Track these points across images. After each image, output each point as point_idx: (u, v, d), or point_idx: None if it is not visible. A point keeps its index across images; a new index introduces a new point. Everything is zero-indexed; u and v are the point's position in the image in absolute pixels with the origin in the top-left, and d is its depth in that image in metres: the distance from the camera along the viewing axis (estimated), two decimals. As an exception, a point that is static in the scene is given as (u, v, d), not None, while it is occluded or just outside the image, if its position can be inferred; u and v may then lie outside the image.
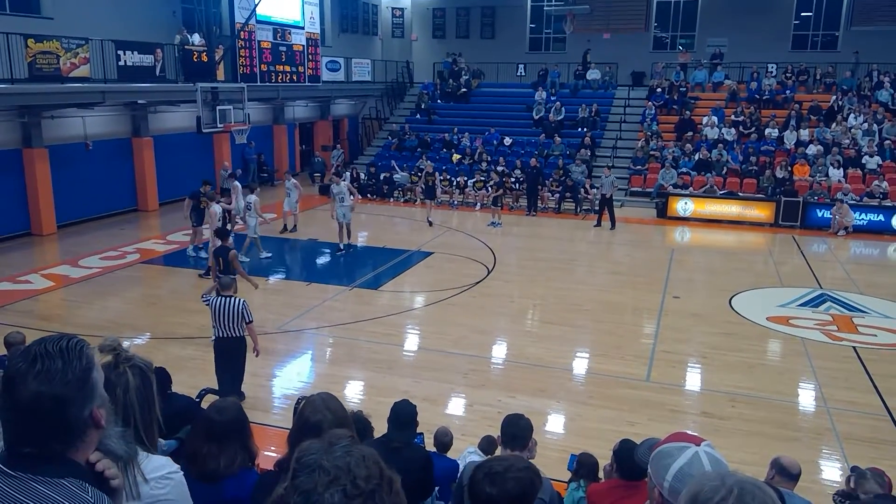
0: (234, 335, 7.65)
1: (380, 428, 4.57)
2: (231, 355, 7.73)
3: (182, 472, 2.07)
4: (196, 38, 19.14)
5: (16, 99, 14.95)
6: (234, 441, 2.85)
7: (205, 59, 18.97)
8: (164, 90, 18.28)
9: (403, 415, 4.24)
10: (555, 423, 7.84)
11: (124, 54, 16.80)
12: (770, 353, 10.19)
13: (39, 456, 1.51)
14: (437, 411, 7.70)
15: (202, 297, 8.34)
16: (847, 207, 17.67)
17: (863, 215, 18.02)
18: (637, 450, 3.32)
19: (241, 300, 7.67)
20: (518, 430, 3.93)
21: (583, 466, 4.74)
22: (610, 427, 7.33)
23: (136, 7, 18.45)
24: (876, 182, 18.71)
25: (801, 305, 11.98)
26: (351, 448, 1.41)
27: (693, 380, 9.09)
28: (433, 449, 5.17)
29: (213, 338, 7.87)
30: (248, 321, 7.63)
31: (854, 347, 10.03)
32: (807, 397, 8.61)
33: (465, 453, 5.13)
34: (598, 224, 18.14)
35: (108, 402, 1.66)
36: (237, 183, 15.61)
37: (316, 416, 2.55)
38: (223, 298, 7.62)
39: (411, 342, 10.44)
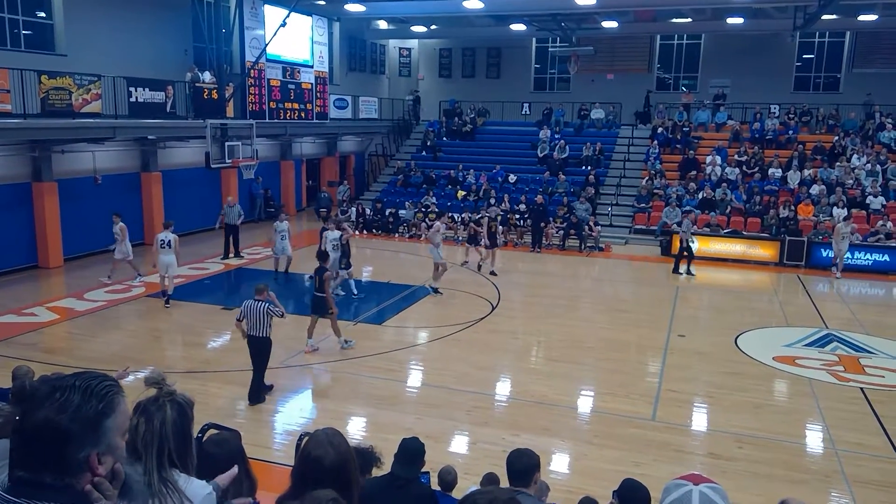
0: (260, 335, 8.83)
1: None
2: (259, 352, 8.88)
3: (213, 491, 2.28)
4: (207, 76, 19.49)
5: (28, 133, 15.17)
6: (238, 472, 2.85)
7: (215, 96, 19.28)
8: (173, 126, 18.55)
9: (409, 451, 4.21)
10: (559, 463, 7.74)
11: (135, 91, 17.09)
12: (776, 393, 10.10)
13: (31, 482, 1.51)
14: (439, 449, 7.61)
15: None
16: (840, 227, 17.28)
17: (868, 255, 18.01)
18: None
19: (267, 303, 8.78)
20: (524, 465, 3.87)
21: None
22: (615, 467, 7.24)
23: (149, 45, 18.83)
24: (881, 222, 18.73)
25: (807, 345, 11.91)
26: None
27: (699, 420, 9.01)
28: (437, 488, 5.11)
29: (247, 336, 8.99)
30: (278, 315, 8.89)
31: (861, 388, 9.93)
32: (814, 439, 8.51)
33: (468, 492, 5.05)
34: (689, 272, 17.35)
35: (120, 452, 1.68)
36: (123, 224, 14.63)
37: (318, 450, 2.54)
38: (254, 301, 8.79)
39: (414, 378, 10.39)
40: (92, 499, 1.60)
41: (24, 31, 16.31)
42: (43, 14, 16.84)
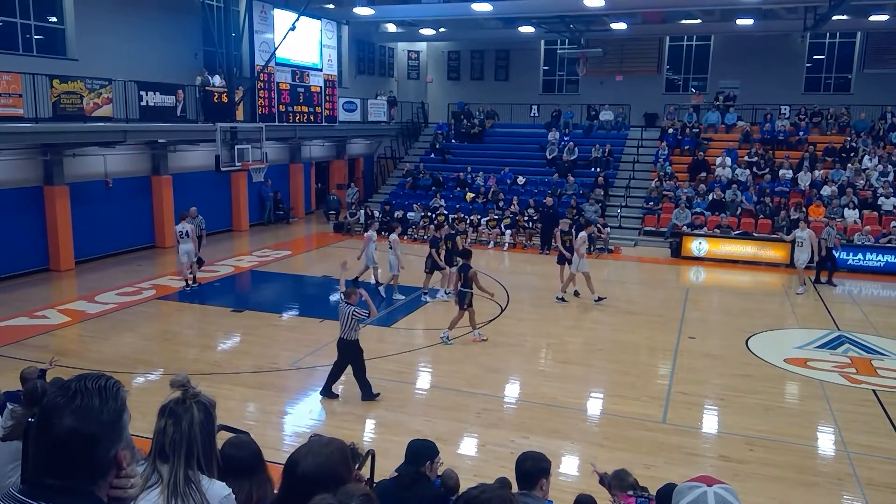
0: (346, 337, 8.98)
1: (388, 467, 4.53)
2: (344, 354, 9.05)
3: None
4: (217, 80, 19.57)
5: (40, 137, 15.29)
6: (259, 474, 2.86)
7: (225, 99, 19.36)
8: (184, 130, 18.64)
9: (412, 450, 4.25)
10: (569, 465, 7.71)
11: (146, 95, 17.20)
12: (788, 395, 10.03)
13: (62, 489, 1.53)
14: (449, 451, 7.58)
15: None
16: (796, 232, 16.30)
17: (880, 257, 17.87)
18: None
19: (353, 308, 8.88)
20: (526, 469, 3.87)
21: None
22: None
23: (159, 49, 18.95)
24: (893, 223, 18.57)
25: (818, 347, 11.82)
26: None
27: (710, 422, 8.95)
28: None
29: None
30: (367, 314, 9.00)
31: (874, 391, 9.84)
32: (826, 441, 8.44)
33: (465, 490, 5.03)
34: (828, 281, 16.49)
35: (132, 445, 1.71)
36: None
37: (297, 454, 2.52)
38: (344, 304, 8.97)
39: (423, 380, 10.39)
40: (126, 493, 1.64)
41: (36, 36, 16.45)
42: (55, 19, 16.97)
